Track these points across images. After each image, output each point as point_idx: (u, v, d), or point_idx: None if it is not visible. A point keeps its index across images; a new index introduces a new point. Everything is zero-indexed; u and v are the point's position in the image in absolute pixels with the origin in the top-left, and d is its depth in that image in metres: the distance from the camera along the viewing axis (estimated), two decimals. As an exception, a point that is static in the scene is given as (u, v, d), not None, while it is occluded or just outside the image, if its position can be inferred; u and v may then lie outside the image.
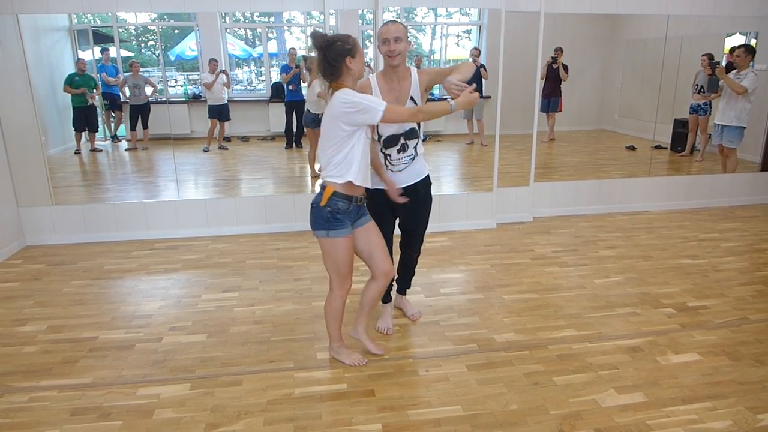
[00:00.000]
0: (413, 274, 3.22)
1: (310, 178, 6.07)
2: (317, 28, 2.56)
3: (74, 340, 3.00)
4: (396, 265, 3.09)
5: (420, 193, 2.84)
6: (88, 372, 2.69)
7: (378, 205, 2.76)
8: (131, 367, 2.73)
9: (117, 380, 2.62)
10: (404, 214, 2.88)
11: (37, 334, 3.08)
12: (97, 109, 6.02)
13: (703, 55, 6.14)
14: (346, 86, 2.40)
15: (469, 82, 2.74)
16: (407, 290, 3.30)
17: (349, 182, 2.41)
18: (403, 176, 2.77)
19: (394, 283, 3.21)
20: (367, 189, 2.57)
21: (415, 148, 2.77)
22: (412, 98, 2.68)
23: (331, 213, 2.43)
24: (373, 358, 2.78)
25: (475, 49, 7.26)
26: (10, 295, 3.61)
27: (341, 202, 2.43)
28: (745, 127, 5.50)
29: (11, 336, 3.07)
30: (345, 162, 2.39)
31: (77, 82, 5.61)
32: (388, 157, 2.74)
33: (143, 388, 2.55)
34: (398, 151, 2.72)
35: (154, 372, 2.68)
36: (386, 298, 3.11)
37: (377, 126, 2.64)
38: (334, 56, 2.36)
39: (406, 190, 2.77)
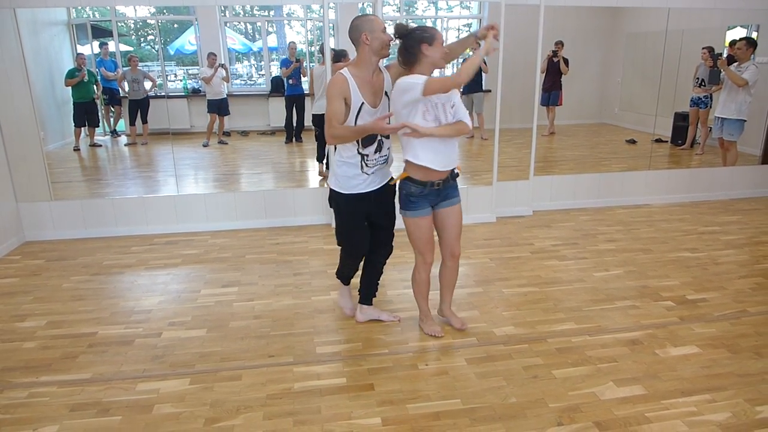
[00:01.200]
0: (378, 283, 3.10)
1: (320, 178, 5.92)
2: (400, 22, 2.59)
3: (73, 336, 3.00)
4: (360, 275, 3.07)
5: (388, 189, 2.83)
6: (88, 367, 2.69)
7: (355, 208, 2.75)
8: (131, 363, 2.73)
9: (116, 375, 2.62)
10: (375, 208, 2.80)
11: (36, 330, 3.08)
12: (97, 104, 6.02)
13: (703, 48, 6.11)
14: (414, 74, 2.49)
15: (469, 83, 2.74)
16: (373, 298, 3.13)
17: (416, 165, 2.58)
18: (376, 179, 2.73)
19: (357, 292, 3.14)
20: (342, 192, 2.70)
21: (389, 149, 2.76)
22: (386, 93, 2.65)
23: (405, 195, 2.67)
24: (372, 353, 2.78)
25: (476, 42, 7.24)
26: (10, 291, 3.61)
27: (413, 186, 2.64)
28: (745, 120, 5.48)
29: (10, 332, 3.07)
30: (408, 145, 2.58)
31: (78, 77, 5.60)
32: (365, 158, 2.65)
33: (142, 383, 2.56)
34: (375, 151, 2.66)
35: (153, 367, 2.69)
36: (346, 281, 3.13)
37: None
38: (411, 43, 2.47)
39: (376, 192, 2.74)
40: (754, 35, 6.00)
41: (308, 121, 6.24)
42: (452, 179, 2.74)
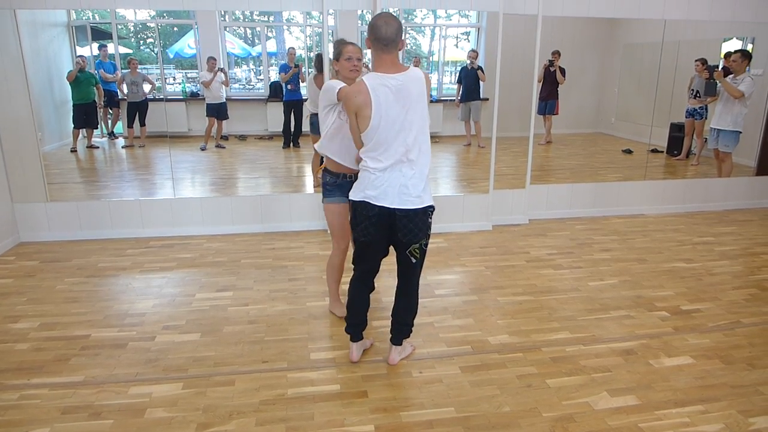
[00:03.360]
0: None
1: (313, 186, 5.86)
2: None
3: (67, 338, 2.99)
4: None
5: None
6: (80, 370, 2.68)
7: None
8: (123, 366, 2.72)
9: (109, 379, 2.61)
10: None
11: (29, 332, 3.06)
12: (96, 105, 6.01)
13: (696, 60, 6.16)
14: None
15: (468, 84, 2.79)
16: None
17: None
18: None
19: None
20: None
21: None
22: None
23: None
24: (366, 360, 2.78)
25: (473, 51, 7.28)
26: (3, 292, 3.59)
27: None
28: (740, 132, 5.52)
29: (3, 333, 3.05)
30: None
31: (78, 78, 5.59)
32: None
33: (135, 387, 2.54)
34: None
35: (146, 371, 2.67)
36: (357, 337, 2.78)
37: None
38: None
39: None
40: (749, 47, 6.06)
41: (306, 127, 6.24)
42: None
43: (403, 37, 2.43)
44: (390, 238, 2.54)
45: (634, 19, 5.19)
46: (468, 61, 7.32)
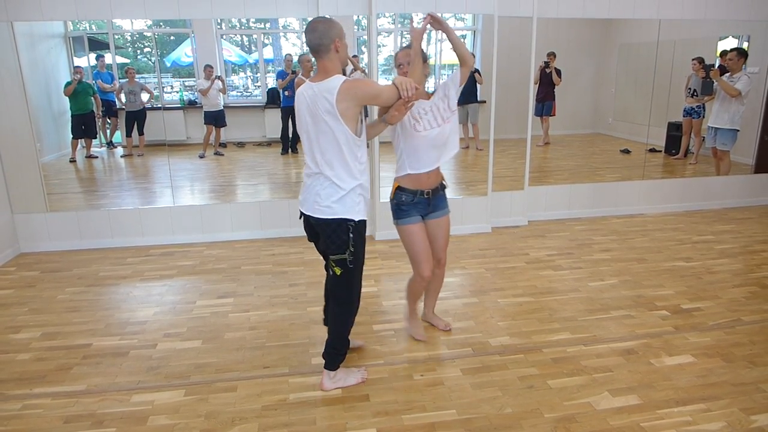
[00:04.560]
0: None
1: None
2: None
3: (68, 347, 2.99)
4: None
5: None
6: (82, 379, 2.68)
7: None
8: (125, 374, 2.72)
9: (111, 387, 2.61)
10: None
11: (30, 342, 3.07)
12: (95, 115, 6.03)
13: (693, 59, 6.18)
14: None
15: (465, 87, 2.79)
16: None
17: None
18: None
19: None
20: (362, 218, 2.42)
21: None
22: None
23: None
24: (367, 363, 2.78)
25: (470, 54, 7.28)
26: (4, 303, 3.60)
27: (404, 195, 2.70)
28: (738, 130, 5.53)
29: (5, 343, 3.06)
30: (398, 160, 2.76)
31: (76, 89, 5.61)
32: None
33: (137, 394, 2.55)
34: None
35: (148, 378, 2.68)
36: (338, 365, 2.61)
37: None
38: None
39: None
40: (745, 46, 6.07)
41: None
42: (441, 190, 2.80)
43: (333, 40, 2.26)
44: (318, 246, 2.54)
45: (629, 19, 5.21)
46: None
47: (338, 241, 2.35)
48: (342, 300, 2.48)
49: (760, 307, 3.37)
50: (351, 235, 2.34)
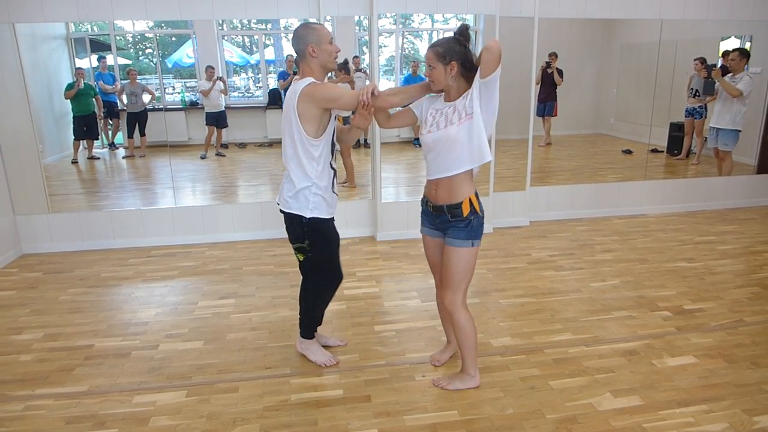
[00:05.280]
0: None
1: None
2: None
3: (70, 348, 2.99)
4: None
5: None
6: (84, 380, 2.68)
7: (336, 232, 2.65)
8: (127, 375, 2.72)
9: (113, 388, 2.61)
10: None
11: (32, 343, 3.07)
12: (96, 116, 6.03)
13: (695, 59, 6.17)
14: None
15: None
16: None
17: None
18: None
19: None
20: (326, 217, 2.54)
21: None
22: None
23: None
24: (369, 364, 2.78)
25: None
26: (6, 304, 3.61)
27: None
28: (740, 130, 5.52)
29: (7, 344, 3.06)
30: None
31: (78, 91, 5.62)
32: (335, 173, 2.58)
33: (139, 395, 2.55)
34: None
35: (150, 379, 2.68)
36: (310, 335, 2.83)
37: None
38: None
39: None
40: (747, 46, 6.06)
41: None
42: (450, 216, 2.36)
43: (308, 45, 2.37)
44: None
45: (631, 19, 5.21)
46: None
47: (294, 233, 2.58)
48: (310, 286, 2.73)
49: (763, 308, 3.36)
50: (305, 230, 2.53)
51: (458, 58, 2.24)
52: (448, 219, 2.37)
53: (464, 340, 2.48)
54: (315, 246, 2.58)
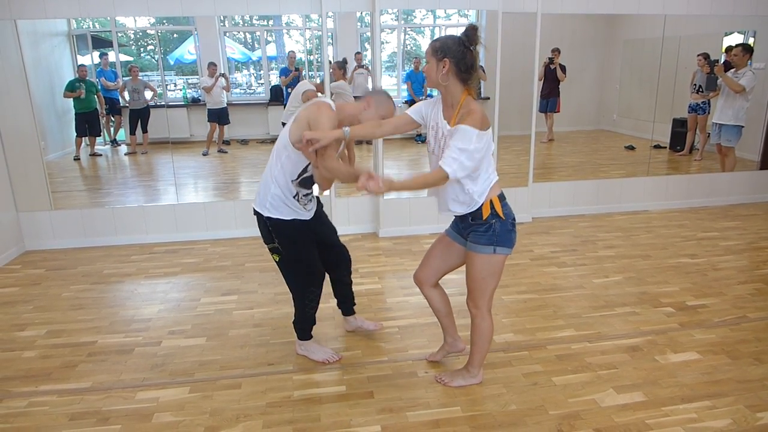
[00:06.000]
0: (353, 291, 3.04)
1: None
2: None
3: (73, 345, 3.00)
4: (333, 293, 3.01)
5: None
6: (87, 376, 2.69)
7: (306, 226, 2.62)
8: (130, 371, 2.73)
9: (116, 384, 2.62)
10: (319, 227, 2.74)
11: (36, 339, 3.08)
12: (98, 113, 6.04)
13: (698, 55, 6.14)
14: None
15: None
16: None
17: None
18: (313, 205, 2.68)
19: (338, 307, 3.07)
20: (287, 218, 2.51)
21: None
22: None
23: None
24: (371, 360, 2.78)
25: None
26: (10, 300, 3.61)
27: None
28: (743, 126, 5.50)
29: (10, 341, 3.07)
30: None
31: (78, 88, 5.62)
32: (301, 199, 2.55)
33: (142, 392, 2.55)
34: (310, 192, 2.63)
35: (153, 376, 2.68)
36: (309, 334, 2.84)
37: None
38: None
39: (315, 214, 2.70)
40: (751, 41, 6.04)
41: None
42: (471, 218, 2.32)
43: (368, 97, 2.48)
44: None
45: (634, 15, 5.18)
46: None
47: (262, 233, 2.62)
48: (290, 286, 2.74)
49: (766, 304, 3.35)
50: (269, 229, 2.55)
51: (452, 56, 2.13)
52: (469, 222, 2.33)
53: (479, 341, 2.46)
54: (283, 247, 2.59)
